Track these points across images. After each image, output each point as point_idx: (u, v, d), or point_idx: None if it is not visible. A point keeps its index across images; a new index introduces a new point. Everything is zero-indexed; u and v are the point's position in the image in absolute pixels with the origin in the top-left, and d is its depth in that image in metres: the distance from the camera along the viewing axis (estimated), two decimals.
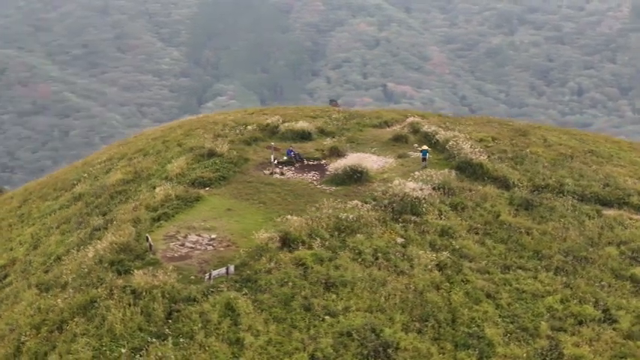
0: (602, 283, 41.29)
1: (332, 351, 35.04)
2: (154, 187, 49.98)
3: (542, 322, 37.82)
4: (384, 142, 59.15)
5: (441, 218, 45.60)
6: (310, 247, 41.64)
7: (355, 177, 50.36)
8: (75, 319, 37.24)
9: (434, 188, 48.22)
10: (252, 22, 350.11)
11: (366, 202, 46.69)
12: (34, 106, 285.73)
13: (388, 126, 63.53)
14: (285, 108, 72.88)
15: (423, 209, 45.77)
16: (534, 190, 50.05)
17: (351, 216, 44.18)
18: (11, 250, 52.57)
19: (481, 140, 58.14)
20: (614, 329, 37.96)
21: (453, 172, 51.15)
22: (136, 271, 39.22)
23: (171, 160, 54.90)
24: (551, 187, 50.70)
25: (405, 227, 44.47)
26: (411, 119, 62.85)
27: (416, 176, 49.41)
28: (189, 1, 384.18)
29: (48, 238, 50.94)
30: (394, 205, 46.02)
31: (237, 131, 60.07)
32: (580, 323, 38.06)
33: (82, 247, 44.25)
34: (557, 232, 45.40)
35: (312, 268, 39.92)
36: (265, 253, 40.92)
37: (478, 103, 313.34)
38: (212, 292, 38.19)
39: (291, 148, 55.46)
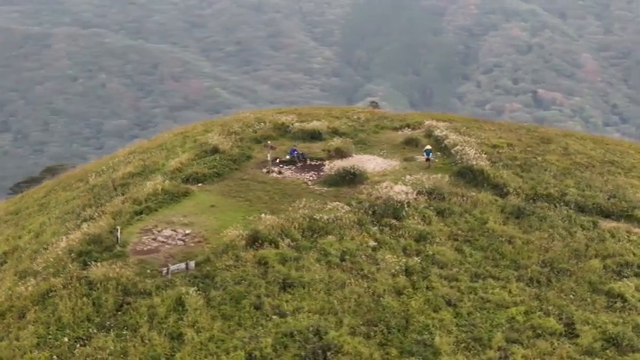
0: (575, 296, 39.78)
1: (271, 351, 34.70)
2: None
3: (498, 333, 36.65)
4: (396, 144, 58.36)
5: (422, 223, 44.69)
6: (277, 247, 41.27)
7: (348, 178, 49.81)
8: (34, 307, 37.78)
9: (420, 192, 47.26)
10: (404, 23, 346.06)
11: (349, 204, 46.02)
12: (186, 101, 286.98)
13: (411, 129, 62.59)
14: (316, 108, 72.68)
15: (404, 213, 44.87)
16: (532, 199, 48.65)
17: (325, 217, 43.74)
18: (19, 237, 53.68)
19: (495, 146, 56.80)
20: (574, 344, 36.52)
21: (447, 177, 50.13)
22: (94, 262, 39.58)
23: (177, 155, 55.26)
24: (551, 196, 49.16)
25: (382, 230, 43.70)
26: (428, 122, 61.73)
27: (406, 180, 48.46)
28: (342, 0, 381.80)
29: (49, 228, 51.88)
30: (375, 207, 45.28)
31: (252, 129, 60.10)
32: (538, 336, 36.77)
33: (65, 237, 44.89)
34: (541, 242, 44.03)
35: (274, 267, 39.63)
36: (231, 250, 40.81)
37: (629, 112, 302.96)
38: (167, 286, 38.27)
39: (294, 148, 55.22)
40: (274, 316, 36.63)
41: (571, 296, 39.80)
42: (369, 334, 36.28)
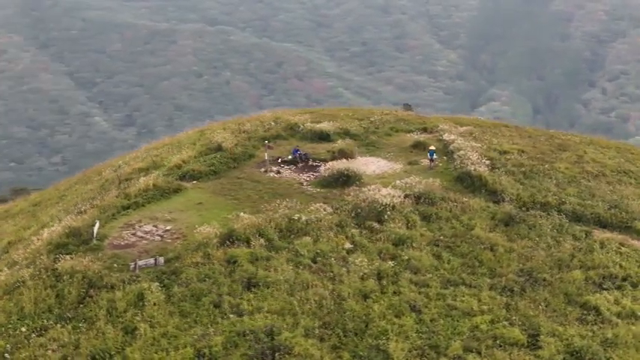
0: (548, 307, 38.76)
1: (221, 349, 34.59)
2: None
3: (457, 342, 35.89)
4: (404, 147, 57.79)
5: (404, 227, 44.09)
6: (251, 246, 41.26)
7: (341, 180, 49.48)
8: (5, 297, 38.53)
9: (408, 196, 46.66)
10: (531, 28, 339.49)
11: (333, 206, 45.75)
12: (308, 100, 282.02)
13: (427, 132, 61.91)
14: (342, 109, 72.49)
15: (387, 217, 44.34)
16: (527, 206, 47.59)
17: (304, 218, 43.50)
18: (28, 228, 54.76)
19: (505, 152, 55.89)
20: (534, 356, 35.59)
21: (438, 181, 49.37)
22: (65, 255, 40.12)
23: (184, 152, 55.78)
24: (549, 204, 48.11)
25: (361, 233, 43.32)
26: (442, 126, 60.94)
27: (397, 184, 47.92)
28: (470, 4, 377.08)
29: (54, 220, 52.79)
30: (359, 210, 44.90)
31: (264, 129, 60.19)
32: (498, 346, 35.85)
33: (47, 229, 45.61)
34: (524, 251, 43.07)
35: (242, 266, 39.59)
36: (203, 248, 40.92)
37: None
38: (133, 281, 38.55)
39: (297, 148, 55.10)
40: (231, 315, 36.52)
41: (543, 307, 38.72)
42: (324, 336, 35.84)
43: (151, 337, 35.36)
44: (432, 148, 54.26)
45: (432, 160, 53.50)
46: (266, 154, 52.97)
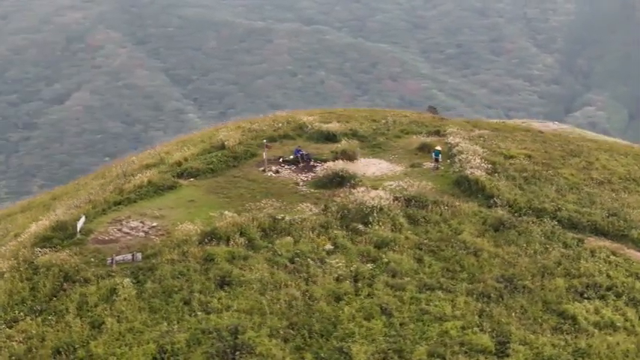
0: (524, 314, 38.15)
1: (184, 346, 34.75)
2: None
3: (423, 347, 35.53)
4: (410, 150, 57.38)
5: (390, 230, 43.74)
6: (230, 244, 41.36)
7: (336, 181, 49.30)
8: None
9: (398, 199, 46.27)
10: (628, 33, 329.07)
11: (323, 207, 45.64)
12: (402, 101, 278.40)
13: (437, 135, 61.38)
14: (359, 110, 72.27)
15: (372, 219, 44.05)
16: (521, 212, 46.90)
17: (288, 218, 43.47)
18: (36, 221, 55.55)
19: (511, 157, 55.18)
20: None
21: (430, 185, 48.98)
22: (40, 249, 40.65)
23: (186, 150, 56.11)
24: (544, 210, 47.33)
25: (345, 235, 43.09)
26: (450, 129, 60.33)
27: (386, 185, 47.64)
28: (567, 8, 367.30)
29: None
30: (345, 211, 44.72)
31: (273, 128, 60.25)
32: (464, 353, 35.41)
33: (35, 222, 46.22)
34: (509, 257, 42.41)
35: (218, 264, 39.70)
36: (183, 245, 41.13)
37: None
38: (108, 276, 38.91)
39: (299, 148, 55.02)
40: (199, 313, 36.65)
41: (519, 314, 38.13)
42: (290, 337, 35.78)
43: (117, 331, 35.68)
44: (438, 148, 54.17)
45: (437, 160, 53.37)
46: (264, 153, 53.01)
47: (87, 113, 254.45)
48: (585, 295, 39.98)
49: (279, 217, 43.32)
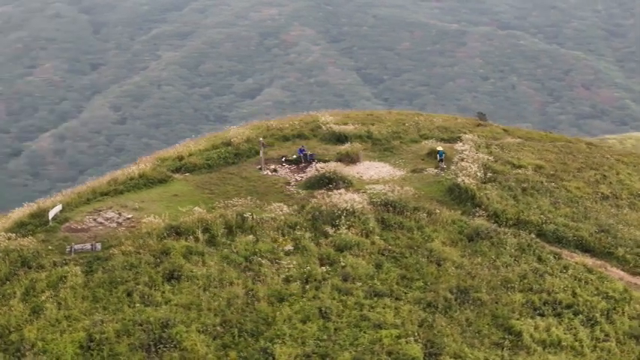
0: (469, 327, 37.31)
1: (113, 336, 35.35)
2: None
3: (348, 353, 35.18)
4: (419, 155, 56.52)
5: (359, 234, 43.32)
6: (196, 240, 41.79)
7: (323, 183, 49.07)
8: None
9: (375, 203, 45.79)
10: None
11: (297, 208, 45.62)
12: (593, 110, 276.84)
13: (457, 141, 60.26)
14: (389, 112, 71.61)
15: (341, 222, 43.72)
16: (507, 223, 45.85)
17: (255, 216, 43.59)
18: None
19: (520, 166, 53.95)
20: None
21: (412, 190, 48.12)
22: (13, 234, 41.94)
23: (192, 145, 56.81)
24: (530, 223, 46.22)
25: (311, 237, 42.93)
26: (468, 136, 59.14)
27: (367, 189, 47.17)
28: None
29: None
30: (317, 213, 44.57)
31: (290, 128, 60.36)
32: None
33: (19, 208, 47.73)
34: (472, 268, 41.46)
35: (172, 258, 40.15)
36: (146, 237, 41.78)
37: None
38: (63, 264, 39.87)
39: (302, 148, 54.97)
40: (138, 305, 37.15)
41: (463, 327, 37.29)
42: (219, 334, 35.93)
43: (54, 318, 36.47)
44: (440, 149, 54.05)
45: (441, 160, 53.20)
46: (261, 151, 53.13)
47: (276, 108, 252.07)
48: (540, 312, 38.83)
49: (247, 216, 43.33)
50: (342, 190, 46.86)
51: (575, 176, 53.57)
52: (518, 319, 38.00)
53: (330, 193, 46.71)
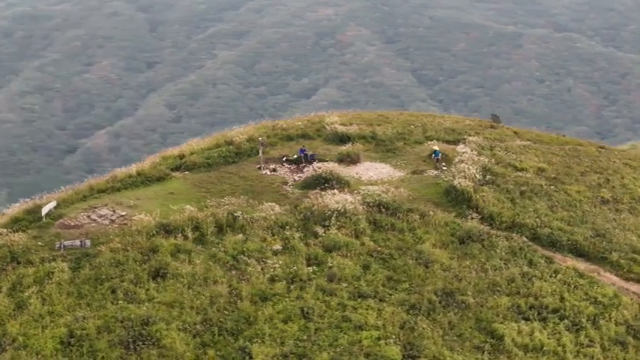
0: (452, 330, 37.13)
1: (94, 332, 35.60)
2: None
3: (326, 353, 35.17)
4: (421, 156, 56.23)
5: (349, 235, 43.26)
6: (184, 238, 42.00)
7: (319, 183, 49.05)
8: None
9: (368, 204, 45.68)
10: None
11: (289, 208, 45.68)
12: None
13: (460, 143, 59.93)
14: (400, 113, 71.47)
15: (330, 222, 43.69)
16: (501, 226, 45.58)
17: (246, 215, 43.71)
18: None
19: (522, 169, 53.50)
20: None
21: (407, 192, 47.94)
22: (6, 229, 42.41)
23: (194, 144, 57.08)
24: (525, 226, 45.91)
25: (301, 237, 42.95)
26: (469, 138, 58.77)
27: (361, 190, 47.08)
28: None
29: None
30: (308, 213, 44.59)
31: (295, 128, 60.42)
32: None
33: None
34: (459, 271, 41.22)
35: (159, 256, 40.36)
36: (135, 235, 42.06)
37: None
38: (51, 260, 40.24)
39: (303, 148, 54.96)
40: (121, 301, 37.41)
41: (445, 330, 37.11)
42: (200, 333, 36.06)
43: (37, 313, 36.80)
44: (436, 148, 54.25)
45: (437, 160, 53.41)
46: (260, 151, 53.21)
47: (331, 109, 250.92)
48: (525, 316, 38.48)
49: (237, 215, 43.45)
50: (336, 191, 46.73)
51: (577, 180, 53.03)
52: (501, 323, 37.70)
53: (323, 193, 46.60)
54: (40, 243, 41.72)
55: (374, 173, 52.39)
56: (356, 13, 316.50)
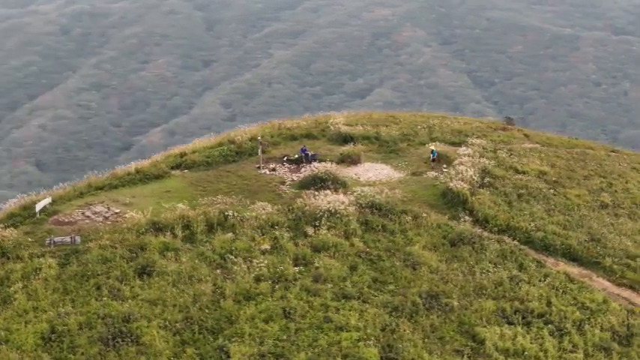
0: (433, 333, 36.95)
1: (75, 328, 35.86)
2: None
3: (304, 353, 35.17)
4: (423, 158, 56.05)
5: (339, 235, 43.21)
6: (173, 236, 42.21)
7: (315, 183, 49.05)
8: None
9: (360, 205, 45.61)
10: None
11: (281, 208, 45.75)
12: None
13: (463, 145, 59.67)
14: (412, 114, 71.09)
15: (321, 223, 43.69)
16: (496, 229, 45.33)
17: (237, 215, 43.84)
18: None
19: (523, 172, 53.24)
20: None
21: (399, 193, 47.77)
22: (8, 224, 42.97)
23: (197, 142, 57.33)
24: (519, 229, 45.69)
25: (291, 237, 42.99)
26: (472, 140, 58.47)
27: (354, 191, 47.05)
28: None
29: None
30: (300, 213, 44.64)
31: (303, 128, 60.48)
32: None
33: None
34: (447, 273, 41.04)
35: (146, 254, 40.60)
36: (126, 232, 42.36)
37: None
38: (40, 255, 40.60)
39: (304, 148, 54.99)
40: (105, 298, 37.65)
41: (427, 333, 36.93)
42: (180, 331, 36.21)
43: (22, 308, 37.16)
44: (433, 148, 54.39)
45: (433, 159, 53.69)
46: (259, 150, 53.31)
47: (386, 109, 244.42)
48: (510, 320, 38.20)
49: (228, 214, 43.58)
50: (329, 191, 46.69)
51: (579, 183, 52.63)
52: (484, 327, 37.43)
53: (316, 193, 46.59)
54: (30, 239, 42.11)
55: (373, 174, 52.29)
56: (412, 13, 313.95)
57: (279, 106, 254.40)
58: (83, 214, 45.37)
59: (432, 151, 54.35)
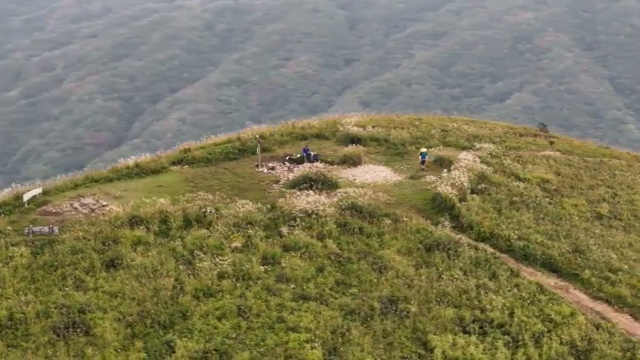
0: (384, 339, 36.81)
1: (33, 317, 36.76)
2: None
3: (249, 352, 35.44)
4: (427, 162, 55.53)
5: (313, 236, 43.30)
6: (147, 230, 42.93)
7: (306, 183, 49.20)
8: None
9: (342, 207, 45.57)
10: None
11: (262, 207, 46.05)
12: None
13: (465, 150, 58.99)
14: (433, 117, 70.54)
15: (296, 223, 43.84)
16: (478, 236, 44.88)
17: (214, 211, 44.31)
18: None
19: (525, 179, 52.42)
20: None
21: (383, 196, 47.49)
22: None
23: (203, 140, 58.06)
24: (500, 237, 45.09)
25: (265, 236, 43.27)
26: (479, 145, 57.70)
27: (338, 194, 47.00)
28: None
29: None
30: (278, 213, 44.89)
31: (316, 128, 60.67)
32: None
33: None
34: (412, 279, 40.76)
35: (118, 247, 41.38)
36: (103, 225, 43.25)
37: None
38: (14, 244, 41.67)
39: (306, 148, 55.12)
40: (68, 288, 38.53)
41: (378, 337, 36.75)
42: (133, 324, 36.83)
43: None
44: (423, 150, 54.23)
45: (423, 161, 53.59)
46: (258, 149, 53.64)
47: (525, 114, 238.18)
48: (466, 329, 37.68)
49: (205, 210, 44.07)
50: (311, 192, 46.72)
51: (581, 193, 51.55)
52: (437, 335, 36.97)
53: (299, 193, 46.69)
54: (10, 228, 43.13)
55: (371, 176, 52.18)
56: (556, 18, 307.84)
57: (418, 106, 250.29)
58: (71, 205, 46.39)
59: (422, 154, 53.95)
